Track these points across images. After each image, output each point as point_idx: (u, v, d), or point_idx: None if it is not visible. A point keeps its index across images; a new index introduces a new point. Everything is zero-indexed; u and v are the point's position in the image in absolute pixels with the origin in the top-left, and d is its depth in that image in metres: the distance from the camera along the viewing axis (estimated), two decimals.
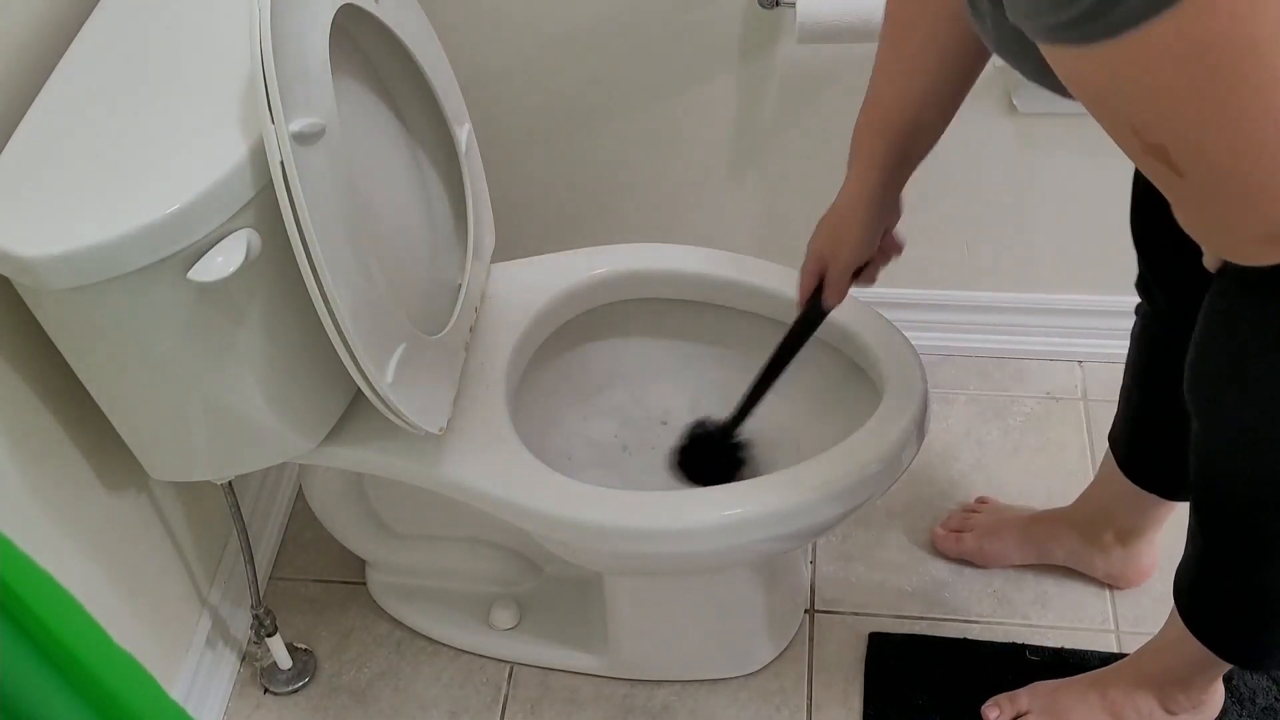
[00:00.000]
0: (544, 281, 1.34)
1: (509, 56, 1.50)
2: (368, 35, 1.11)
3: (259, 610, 1.39)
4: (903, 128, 1.03)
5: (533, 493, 1.16)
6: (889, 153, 1.04)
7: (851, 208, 1.08)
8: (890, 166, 1.05)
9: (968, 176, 1.55)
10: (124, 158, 0.98)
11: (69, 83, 1.05)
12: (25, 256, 0.92)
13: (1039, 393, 1.70)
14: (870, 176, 1.06)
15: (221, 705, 1.45)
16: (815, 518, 1.15)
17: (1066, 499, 1.47)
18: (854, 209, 1.08)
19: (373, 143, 1.14)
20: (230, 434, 1.11)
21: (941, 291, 1.70)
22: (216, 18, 1.08)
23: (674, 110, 1.53)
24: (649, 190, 1.64)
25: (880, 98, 1.03)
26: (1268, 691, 1.35)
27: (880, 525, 1.56)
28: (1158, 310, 1.18)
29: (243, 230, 0.97)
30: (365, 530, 1.43)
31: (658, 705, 1.42)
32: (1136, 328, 1.25)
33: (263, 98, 0.90)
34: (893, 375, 1.21)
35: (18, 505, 1.10)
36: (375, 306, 1.03)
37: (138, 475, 1.26)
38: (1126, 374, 1.30)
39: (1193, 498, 1.08)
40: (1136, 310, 1.25)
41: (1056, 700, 1.32)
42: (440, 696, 1.45)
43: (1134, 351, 1.27)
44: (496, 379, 1.25)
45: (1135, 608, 1.45)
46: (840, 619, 1.48)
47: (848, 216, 1.09)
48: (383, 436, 1.19)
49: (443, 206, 1.29)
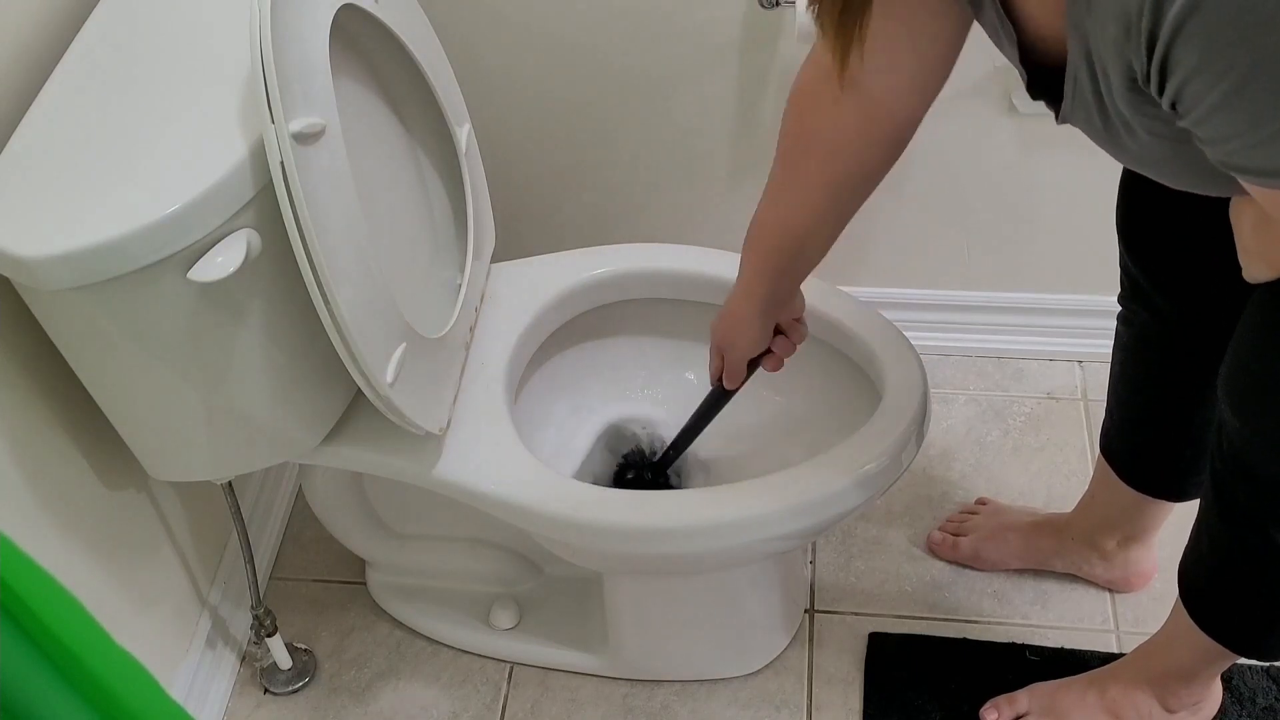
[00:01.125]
0: (544, 281, 1.34)
1: (509, 56, 1.50)
2: (368, 35, 1.11)
3: (259, 610, 1.38)
4: (789, 249, 1.07)
5: (533, 493, 1.16)
6: (777, 267, 1.09)
7: (742, 309, 1.13)
8: (777, 278, 1.10)
9: (968, 176, 1.55)
10: (124, 157, 0.98)
11: (69, 83, 1.05)
12: (25, 256, 0.92)
13: (1039, 393, 1.70)
14: (758, 286, 1.11)
15: (221, 705, 1.45)
16: (815, 518, 1.15)
17: (1067, 499, 1.47)
18: (744, 310, 1.13)
19: (373, 143, 1.14)
20: (230, 434, 1.11)
21: (941, 291, 1.70)
22: (217, 17, 1.08)
23: (674, 110, 1.53)
24: (649, 190, 1.64)
25: (767, 220, 1.07)
26: (1268, 691, 1.35)
27: (880, 525, 1.56)
28: (1156, 315, 1.18)
29: (243, 230, 0.97)
30: (365, 530, 1.43)
31: (658, 705, 1.42)
32: (1126, 336, 1.25)
33: (263, 98, 0.90)
34: (893, 375, 1.21)
35: (18, 505, 1.10)
36: (375, 306, 1.03)
37: (138, 475, 1.26)
38: (1120, 384, 1.29)
39: (1213, 495, 1.08)
40: (1121, 319, 1.24)
41: (1055, 700, 1.32)
42: (440, 696, 1.45)
43: (1128, 360, 1.26)
44: (496, 379, 1.25)
45: (1135, 608, 1.45)
46: (840, 619, 1.48)
47: (740, 316, 1.14)
48: (383, 436, 1.19)
49: (443, 206, 1.29)
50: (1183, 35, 0.61)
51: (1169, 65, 0.64)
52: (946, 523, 1.54)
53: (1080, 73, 0.74)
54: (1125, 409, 1.30)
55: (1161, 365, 1.22)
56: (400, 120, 1.21)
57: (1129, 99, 0.71)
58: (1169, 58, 0.63)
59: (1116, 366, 1.28)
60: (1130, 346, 1.25)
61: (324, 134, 0.95)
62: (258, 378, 1.07)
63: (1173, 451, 1.27)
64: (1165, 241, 1.11)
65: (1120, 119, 0.73)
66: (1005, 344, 1.73)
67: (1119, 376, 1.29)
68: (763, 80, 1.48)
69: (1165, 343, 1.20)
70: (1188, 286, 1.13)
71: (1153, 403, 1.26)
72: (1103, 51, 0.70)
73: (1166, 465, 1.29)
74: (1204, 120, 0.66)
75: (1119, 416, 1.31)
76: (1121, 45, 0.67)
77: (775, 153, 1.03)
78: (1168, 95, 0.66)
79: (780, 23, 1.42)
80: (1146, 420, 1.28)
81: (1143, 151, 0.76)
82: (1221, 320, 1.10)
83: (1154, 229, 1.12)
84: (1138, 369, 1.25)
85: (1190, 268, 1.11)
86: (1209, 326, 1.13)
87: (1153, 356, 1.22)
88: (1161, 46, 0.63)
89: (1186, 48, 0.62)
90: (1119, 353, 1.27)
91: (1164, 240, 1.11)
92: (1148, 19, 0.63)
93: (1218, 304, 1.08)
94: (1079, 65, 0.74)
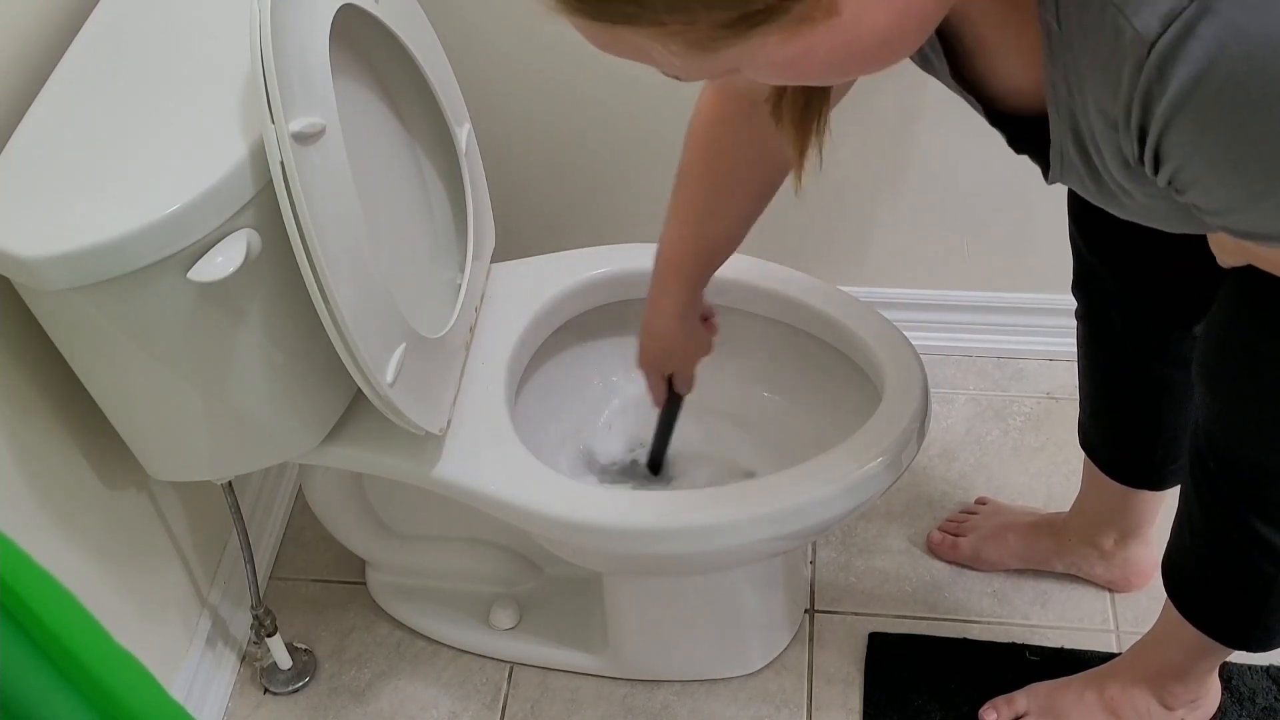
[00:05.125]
0: (544, 281, 1.33)
1: (509, 56, 1.50)
2: (368, 35, 1.11)
3: (259, 610, 1.38)
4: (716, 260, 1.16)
5: (533, 493, 1.16)
6: (704, 278, 1.17)
7: (676, 328, 1.19)
8: (701, 280, 1.17)
9: (968, 177, 1.55)
10: (124, 157, 0.98)
11: (69, 82, 1.05)
12: (25, 256, 0.92)
13: (1039, 393, 1.70)
14: (689, 298, 1.17)
15: (221, 705, 1.45)
16: (815, 518, 1.15)
17: (1066, 499, 1.47)
18: (682, 327, 1.19)
19: (373, 143, 1.14)
20: (230, 434, 1.11)
21: (941, 291, 1.70)
22: (217, 18, 1.08)
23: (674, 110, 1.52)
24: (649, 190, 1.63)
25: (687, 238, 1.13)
26: (1267, 691, 1.35)
27: (880, 525, 1.56)
28: (1108, 299, 1.18)
29: (243, 230, 0.97)
30: (365, 530, 1.43)
31: (658, 705, 1.42)
32: (1084, 329, 1.25)
33: (263, 98, 0.90)
34: (893, 375, 1.21)
35: (18, 505, 1.10)
36: (375, 306, 1.03)
37: (138, 475, 1.26)
38: (1084, 376, 1.30)
39: (1192, 484, 1.08)
40: (1077, 314, 1.24)
41: (1054, 700, 1.32)
42: (440, 696, 1.45)
43: (1094, 352, 1.26)
44: (496, 379, 1.25)
45: (1135, 607, 1.45)
46: (840, 619, 1.48)
47: (674, 331, 1.20)
48: (383, 436, 1.19)
49: (443, 206, 1.29)
50: (1174, 126, 0.61)
51: (1162, 153, 0.63)
52: (946, 523, 1.54)
53: (1067, 146, 0.73)
54: (1093, 401, 1.31)
55: (1118, 351, 1.22)
56: (400, 120, 1.21)
57: (1124, 175, 0.70)
58: (1161, 146, 0.63)
59: (1080, 361, 1.29)
60: (1086, 337, 1.26)
61: (324, 134, 0.95)
62: (258, 378, 1.07)
63: (1144, 439, 1.27)
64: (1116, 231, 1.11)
65: (1117, 186, 0.73)
66: (1005, 344, 1.73)
67: (1083, 370, 1.30)
68: None
69: (1119, 327, 1.20)
70: (1137, 262, 1.13)
71: (1116, 391, 1.26)
72: (1093, 132, 0.69)
73: (1141, 454, 1.30)
74: (1203, 196, 0.65)
75: (1089, 409, 1.32)
76: (1111, 133, 0.66)
77: (680, 179, 1.09)
78: (1163, 177, 0.66)
79: None
80: (1113, 410, 1.29)
81: (1141, 210, 0.75)
82: (1172, 298, 1.10)
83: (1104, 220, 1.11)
84: (1096, 358, 1.26)
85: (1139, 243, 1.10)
86: (1160, 305, 1.13)
87: (1108, 342, 1.23)
88: (1154, 137, 0.62)
89: (1179, 136, 0.61)
90: (1079, 346, 1.28)
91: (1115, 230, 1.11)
92: (1137, 114, 0.62)
93: (1168, 281, 1.08)
94: (1064, 139, 0.72)
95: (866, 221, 1.64)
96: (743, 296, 1.32)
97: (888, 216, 1.61)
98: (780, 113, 0.78)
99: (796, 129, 0.78)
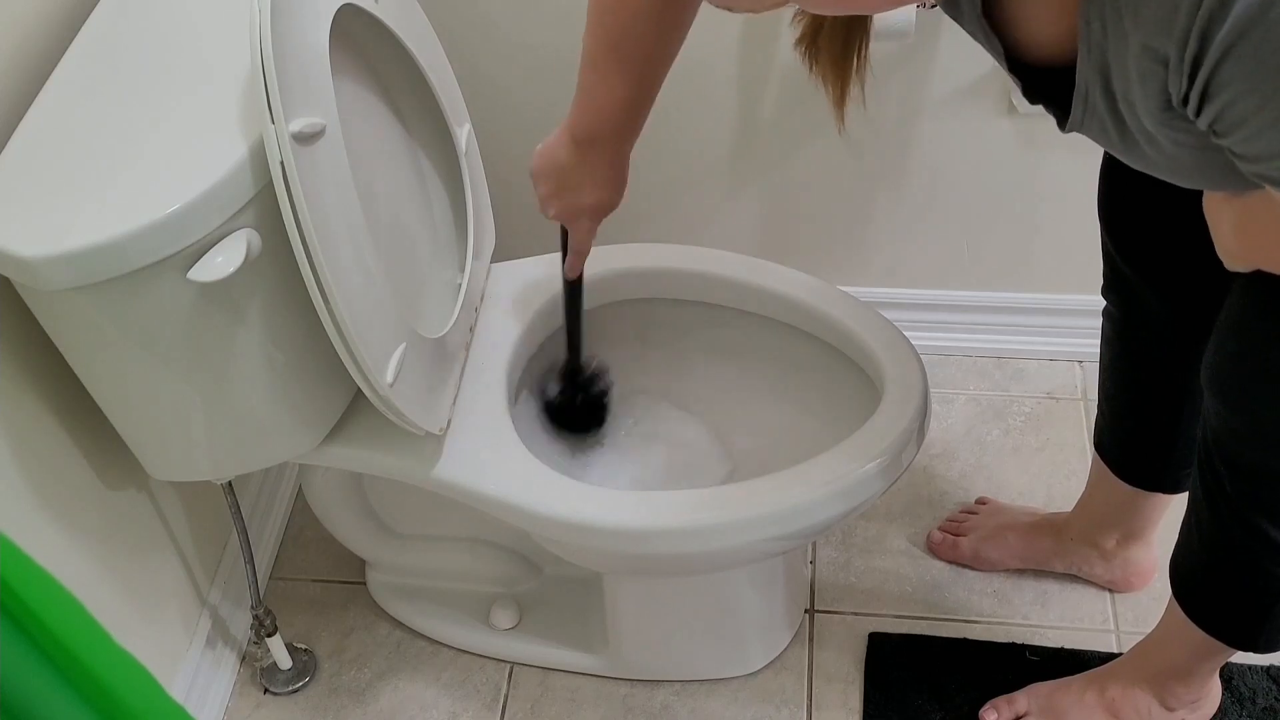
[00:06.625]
0: (544, 281, 1.33)
1: (509, 56, 1.50)
2: (368, 35, 1.11)
3: (259, 610, 1.38)
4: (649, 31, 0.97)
5: (533, 493, 1.16)
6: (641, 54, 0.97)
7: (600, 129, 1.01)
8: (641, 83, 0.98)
9: (968, 177, 1.55)
10: (124, 157, 0.98)
11: (69, 82, 1.05)
12: (25, 256, 0.92)
13: (1039, 393, 1.70)
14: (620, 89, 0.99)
15: (221, 705, 1.45)
16: (815, 518, 1.15)
17: (1067, 499, 1.47)
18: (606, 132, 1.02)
19: (373, 143, 1.14)
20: (230, 434, 1.11)
21: (941, 291, 1.70)
22: (216, 18, 1.08)
23: (674, 110, 1.53)
24: (648, 190, 1.63)
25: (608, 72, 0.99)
26: (1268, 691, 1.35)
27: (880, 525, 1.56)
28: (1137, 303, 1.18)
29: (243, 230, 0.96)
30: (365, 530, 1.43)
31: (658, 705, 1.42)
32: (1109, 329, 1.25)
33: (263, 98, 0.90)
34: (893, 375, 1.21)
35: (18, 505, 1.10)
36: (375, 306, 1.03)
37: (138, 475, 1.26)
38: (1107, 377, 1.29)
39: (1200, 486, 1.08)
40: (1105, 313, 1.24)
41: (1054, 700, 1.32)
42: (440, 696, 1.45)
43: (1113, 352, 1.26)
44: (496, 379, 1.25)
45: (1135, 607, 1.45)
46: (840, 619, 1.48)
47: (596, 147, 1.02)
48: (383, 436, 1.19)
49: (443, 206, 1.29)
50: (1230, 56, 0.61)
51: (1211, 89, 0.63)
52: (946, 523, 1.54)
53: (1093, 90, 0.73)
54: (1113, 402, 1.30)
55: (1145, 356, 1.22)
56: (400, 120, 1.21)
57: (1159, 118, 0.70)
58: (1212, 81, 0.63)
59: (1103, 360, 1.29)
60: (1113, 338, 1.25)
61: (324, 134, 0.95)
62: (258, 378, 1.07)
63: (1162, 442, 1.27)
64: (1146, 224, 1.11)
65: (1143, 134, 0.72)
66: (1005, 344, 1.73)
67: (1106, 370, 1.29)
68: (762, 80, 1.48)
69: (1147, 332, 1.20)
70: (1169, 271, 1.13)
71: (1139, 394, 1.26)
72: (1128, 74, 0.69)
73: (1157, 457, 1.30)
74: (1246, 140, 0.65)
75: (1109, 410, 1.32)
76: (1157, 70, 0.66)
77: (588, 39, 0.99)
78: (1206, 117, 0.66)
79: (780, 23, 1.42)
80: (1134, 412, 1.28)
81: (1162, 159, 0.75)
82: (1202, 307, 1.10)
83: (1135, 211, 1.11)
84: (1122, 360, 1.26)
85: (1171, 251, 1.11)
86: (1190, 313, 1.13)
87: (1136, 347, 1.23)
88: (1206, 70, 0.62)
89: (1233, 71, 0.61)
90: (1104, 346, 1.27)
91: (1145, 223, 1.11)
92: (1194, 45, 0.62)
93: (1198, 290, 1.08)
94: (1092, 83, 0.72)
95: (866, 221, 1.64)
96: (743, 296, 1.32)
97: (888, 216, 1.61)
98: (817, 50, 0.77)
99: (836, 67, 0.77)
